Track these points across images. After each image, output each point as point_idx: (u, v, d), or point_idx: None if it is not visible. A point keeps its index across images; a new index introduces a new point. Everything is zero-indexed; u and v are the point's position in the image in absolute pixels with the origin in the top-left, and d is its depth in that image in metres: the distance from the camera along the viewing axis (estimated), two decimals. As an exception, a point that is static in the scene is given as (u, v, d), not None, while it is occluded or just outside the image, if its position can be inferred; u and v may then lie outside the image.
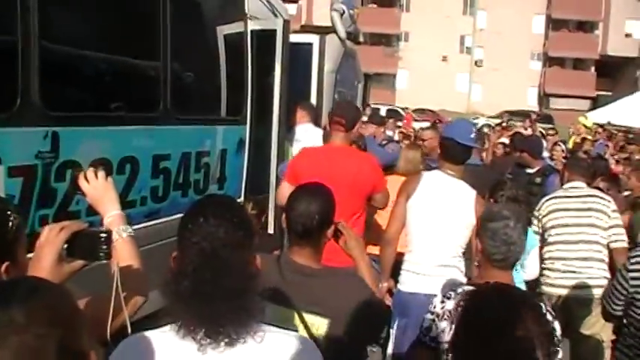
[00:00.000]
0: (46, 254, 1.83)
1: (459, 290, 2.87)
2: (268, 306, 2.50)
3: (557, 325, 2.77)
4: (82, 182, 2.18)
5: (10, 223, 1.91)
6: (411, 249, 4.42)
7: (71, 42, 4.27)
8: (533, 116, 23.81)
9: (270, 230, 6.28)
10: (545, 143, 10.09)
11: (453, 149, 4.45)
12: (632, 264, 3.79)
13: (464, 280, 4.29)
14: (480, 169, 6.33)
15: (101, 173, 2.19)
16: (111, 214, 2.13)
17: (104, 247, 1.88)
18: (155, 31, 4.87)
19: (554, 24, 56.88)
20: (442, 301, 2.89)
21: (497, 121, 25.10)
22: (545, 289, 5.12)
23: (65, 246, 1.87)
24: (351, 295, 2.59)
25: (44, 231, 1.87)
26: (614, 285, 3.90)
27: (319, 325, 2.52)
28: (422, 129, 10.48)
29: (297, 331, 2.45)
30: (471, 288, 2.79)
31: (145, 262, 2.19)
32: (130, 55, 4.83)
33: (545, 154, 9.65)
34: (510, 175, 6.80)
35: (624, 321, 3.91)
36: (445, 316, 2.82)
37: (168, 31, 4.93)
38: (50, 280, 1.76)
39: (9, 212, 1.93)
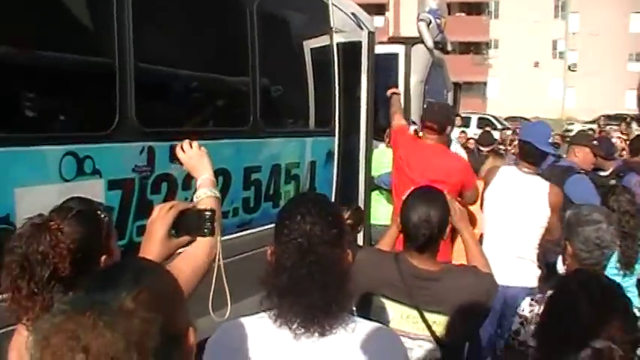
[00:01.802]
0: (157, 229, 1.99)
1: (548, 293, 2.82)
2: (389, 304, 2.67)
3: None
4: (179, 152, 2.35)
5: (102, 222, 2.12)
6: (486, 240, 4.49)
7: (163, 62, 4.45)
8: (628, 119, 22.86)
9: (360, 242, 6.26)
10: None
11: (530, 152, 4.55)
12: None
13: (538, 271, 4.41)
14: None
15: (195, 143, 2.36)
16: (203, 176, 2.29)
17: (208, 224, 2.02)
18: (244, 47, 5.00)
19: (652, 22, 54.73)
20: (531, 305, 2.84)
21: (593, 126, 24.32)
22: None
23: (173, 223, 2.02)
24: (469, 291, 2.68)
25: (155, 209, 2.04)
26: None
27: (440, 321, 2.64)
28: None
29: (417, 327, 2.63)
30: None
31: (239, 270, 2.30)
32: (220, 72, 4.98)
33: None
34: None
35: None
36: (534, 321, 2.74)
37: (257, 47, 5.05)
38: (160, 251, 1.95)
39: (99, 212, 2.12)
